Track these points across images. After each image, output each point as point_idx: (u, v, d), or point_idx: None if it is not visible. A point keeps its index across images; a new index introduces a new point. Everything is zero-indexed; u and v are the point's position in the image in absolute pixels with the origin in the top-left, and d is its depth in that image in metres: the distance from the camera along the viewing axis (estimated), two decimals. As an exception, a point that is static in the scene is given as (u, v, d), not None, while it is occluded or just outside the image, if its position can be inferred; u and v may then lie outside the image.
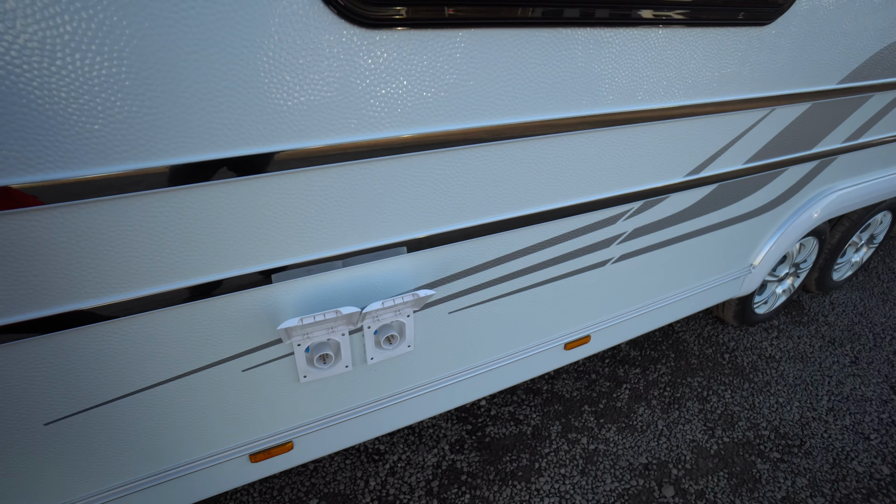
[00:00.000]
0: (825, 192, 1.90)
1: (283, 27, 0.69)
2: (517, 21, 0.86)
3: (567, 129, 1.04)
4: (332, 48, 0.73)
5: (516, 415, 1.81)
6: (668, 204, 1.39)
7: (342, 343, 1.04)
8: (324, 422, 1.18)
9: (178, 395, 0.95)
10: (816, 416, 1.88)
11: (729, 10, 1.11)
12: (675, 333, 2.32)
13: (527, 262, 1.22)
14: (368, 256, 0.99)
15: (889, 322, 2.46)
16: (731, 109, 1.29)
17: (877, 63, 1.52)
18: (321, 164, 0.82)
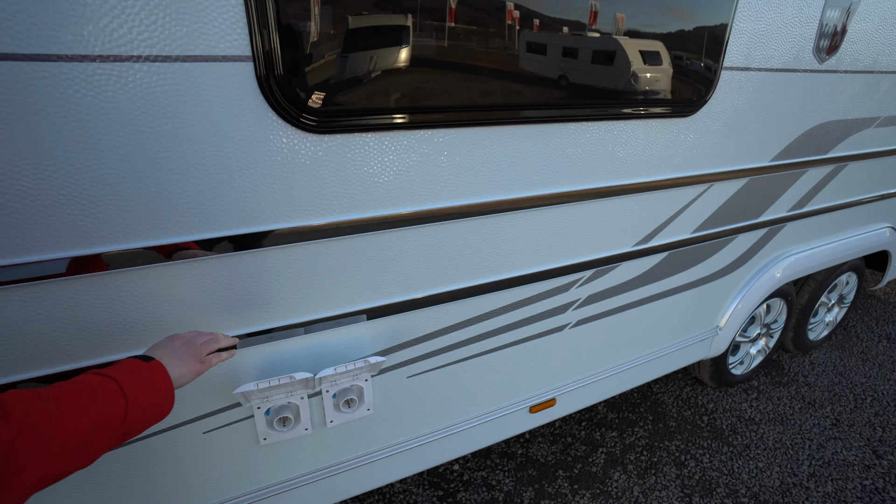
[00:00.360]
0: (780, 256, 2.00)
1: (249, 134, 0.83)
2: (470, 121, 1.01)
3: (512, 207, 1.17)
4: (289, 149, 0.87)
5: (489, 480, 1.80)
6: (619, 272, 1.49)
7: (301, 406, 1.10)
8: (285, 485, 1.21)
9: (139, 456, 1.00)
10: (797, 482, 1.86)
11: (657, 106, 1.27)
12: (654, 395, 2.33)
13: (483, 329, 1.30)
14: (330, 324, 1.08)
15: (869, 382, 2.47)
16: (670, 186, 1.43)
17: (801, 144, 1.68)
18: (289, 243, 0.94)
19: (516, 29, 0.98)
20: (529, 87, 1.07)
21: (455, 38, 0.94)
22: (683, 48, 1.24)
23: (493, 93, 1.03)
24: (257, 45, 0.77)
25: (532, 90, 1.08)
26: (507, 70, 1.02)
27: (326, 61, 0.85)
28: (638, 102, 1.24)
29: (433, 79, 0.96)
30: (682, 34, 1.21)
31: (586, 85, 1.14)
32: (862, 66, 1.66)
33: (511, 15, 0.97)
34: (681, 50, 1.24)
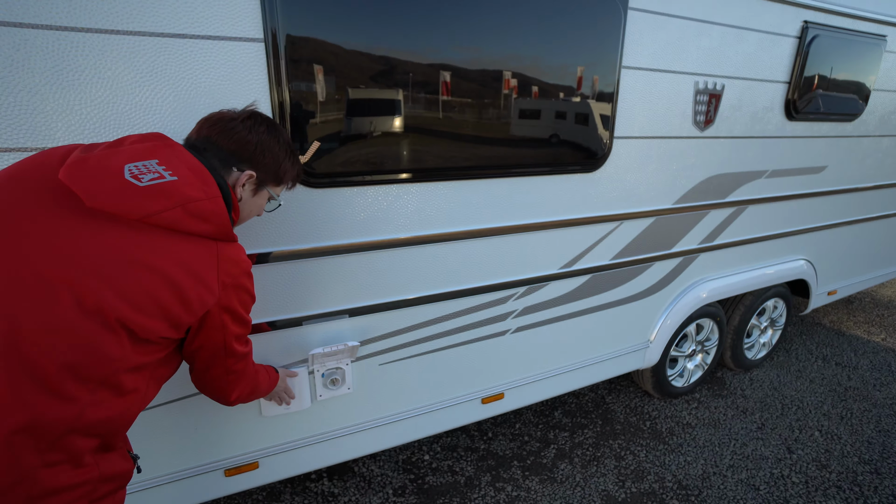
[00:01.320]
0: (699, 281, 2.44)
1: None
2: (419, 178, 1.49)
3: (462, 237, 1.63)
4: (300, 199, 1.35)
5: (454, 467, 2.16)
6: (549, 289, 1.92)
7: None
8: (288, 445, 1.60)
9: (175, 414, 1.41)
10: (717, 472, 2.20)
11: (568, 165, 1.75)
12: (606, 404, 2.70)
13: (439, 329, 1.73)
14: (323, 318, 1.51)
15: (798, 395, 2.83)
16: (585, 223, 1.89)
17: (700, 189, 2.16)
18: (304, 258, 1.39)
19: (468, 108, 1.48)
20: (478, 152, 1.56)
21: (413, 123, 1.43)
22: (587, 125, 1.74)
23: (450, 157, 1.51)
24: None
25: (479, 155, 1.56)
26: (464, 140, 1.51)
27: (319, 155, 1.33)
28: (555, 163, 1.72)
29: (397, 151, 1.45)
30: (585, 117, 1.72)
31: (518, 151, 1.62)
32: (736, 134, 2.17)
33: (453, 93, 1.46)
34: (585, 126, 1.73)
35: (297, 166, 1.08)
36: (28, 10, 0.98)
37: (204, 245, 0.85)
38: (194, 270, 0.83)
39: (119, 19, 1.05)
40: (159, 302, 0.80)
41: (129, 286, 0.76)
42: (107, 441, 0.81)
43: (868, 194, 3.01)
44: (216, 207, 0.85)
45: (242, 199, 0.99)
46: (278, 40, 1.20)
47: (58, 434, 0.71)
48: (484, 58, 1.48)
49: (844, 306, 4.27)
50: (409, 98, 1.41)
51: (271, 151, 0.98)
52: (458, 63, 1.45)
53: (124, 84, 1.09)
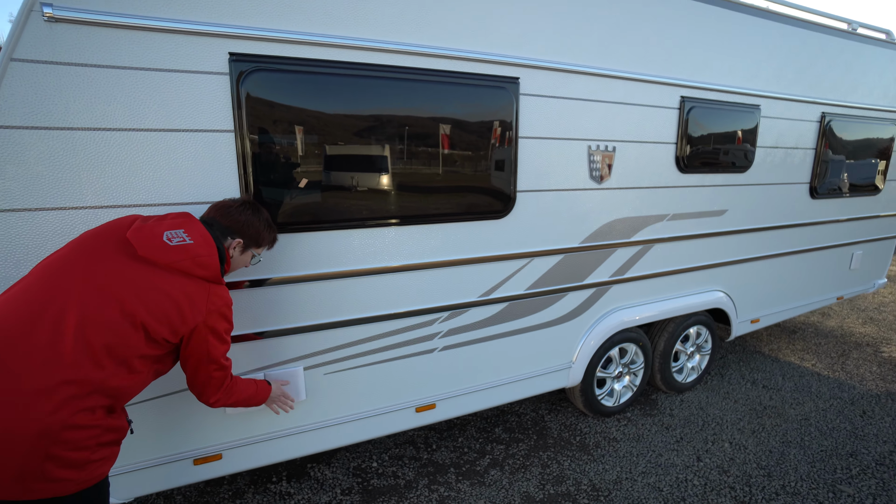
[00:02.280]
0: (614, 309, 2.86)
1: (236, 235, 1.78)
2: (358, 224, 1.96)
3: (393, 271, 2.08)
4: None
5: (397, 473, 2.50)
6: (471, 314, 2.35)
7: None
8: (269, 436, 1.98)
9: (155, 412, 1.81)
10: (629, 477, 2.53)
11: (475, 209, 2.23)
12: (543, 421, 3.05)
13: (376, 346, 2.14)
14: (284, 333, 1.94)
15: (720, 413, 3.17)
16: (498, 260, 2.34)
17: (604, 231, 2.63)
18: (289, 283, 1.84)
19: (395, 169, 1.97)
20: (406, 205, 2.03)
21: (359, 188, 1.92)
22: (493, 182, 2.23)
23: (382, 209, 1.99)
24: (242, 196, 1.74)
25: (408, 207, 2.04)
26: (395, 196, 1.99)
27: (268, 207, 1.82)
28: (468, 212, 2.20)
29: (344, 205, 1.92)
30: (489, 176, 2.21)
31: (439, 203, 2.10)
32: (633, 185, 2.66)
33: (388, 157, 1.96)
34: (491, 182, 2.23)
35: (272, 234, 1.65)
36: (76, 116, 1.48)
37: (201, 284, 1.37)
38: (192, 299, 1.34)
39: (137, 120, 1.56)
40: (167, 315, 1.29)
41: (151, 302, 1.27)
42: (113, 404, 1.23)
43: (773, 233, 3.48)
44: (212, 261, 1.38)
45: (234, 257, 1.54)
46: (243, 126, 1.71)
47: (89, 390, 1.15)
48: (414, 130, 1.99)
49: (787, 335, 4.65)
50: (354, 175, 1.91)
51: (253, 226, 1.55)
52: (391, 138, 1.96)
53: (137, 163, 1.58)
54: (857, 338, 4.61)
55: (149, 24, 1.53)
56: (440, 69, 2.02)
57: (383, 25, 1.88)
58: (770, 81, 3.12)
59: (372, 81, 1.90)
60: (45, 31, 1.43)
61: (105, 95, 1.52)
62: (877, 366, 3.97)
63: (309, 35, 1.75)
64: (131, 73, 1.54)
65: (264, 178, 1.78)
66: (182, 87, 1.61)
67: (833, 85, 3.51)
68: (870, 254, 4.33)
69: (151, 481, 1.87)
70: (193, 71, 1.63)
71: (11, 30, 1.41)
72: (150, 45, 1.55)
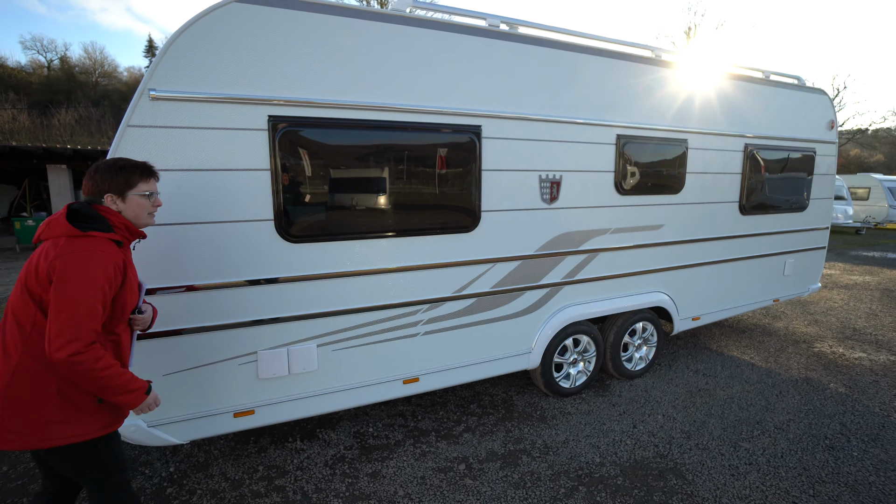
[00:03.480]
0: (566, 306, 3.55)
1: (259, 240, 2.48)
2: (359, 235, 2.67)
3: (386, 272, 2.77)
4: (281, 248, 2.51)
5: (388, 435, 3.16)
6: (446, 307, 3.04)
7: (284, 361, 2.60)
8: (289, 398, 2.64)
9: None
10: (575, 438, 3.19)
11: (449, 225, 2.94)
12: (512, 401, 3.71)
13: (372, 329, 2.82)
14: (300, 319, 2.62)
15: (661, 394, 3.83)
16: (467, 264, 3.04)
17: (555, 242, 3.34)
18: (293, 281, 2.53)
19: (391, 193, 2.69)
20: (398, 222, 2.74)
21: (360, 208, 2.63)
22: (463, 205, 2.94)
23: (378, 224, 2.70)
24: (277, 219, 2.45)
25: (399, 224, 2.75)
26: (391, 214, 2.70)
27: (294, 224, 2.52)
28: (444, 227, 2.90)
29: (348, 222, 2.63)
30: (460, 198, 2.92)
31: (422, 220, 2.81)
32: (579, 205, 3.38)
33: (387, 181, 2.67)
34: (461, 205, 2.94)
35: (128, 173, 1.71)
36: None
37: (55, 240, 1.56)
38: (47, 252, 1.53)
39: (208, 162, 2.27)
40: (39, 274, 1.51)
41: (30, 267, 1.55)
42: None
43: (709, 244, 4.19)
44: (60, 220, 1.58)
45: (121, 209, 1.70)
46: (276, 167, 2.42)
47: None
48: (401, 166, 2.71)
49: (736, 335, 5.34)
50: (358, 200, 2.62)
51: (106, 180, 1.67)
52: (385, 172, 2.67)
53: (208, 191, 2.29)
54: (797, 336, 5.30)
55: (215, 96, 2.26)
56: (421, 121, 2.75)
57: (379, 91, 2.61)
58: (696, 120, 3.87)
59: (370, 132, 2.62)
60: (151, 106, 2.15)
61: (188, 146, 2.23)
62: (805, 358, 4.65)
63: (324, 100, 2.48)
64: (205, 131, 2.26)
65: (290, 202, 2.49)
66: (236, 139, 2.33)
67: (754, 121, 4.27)
68: (802, 262, 5.05)
69: (203, 428, 2.53)
70: (243, 128, 2.35)
71: (131, 106, 2.13)
72: (216, 111, 2.28)
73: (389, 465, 2.87)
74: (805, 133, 4.71)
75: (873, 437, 3.21)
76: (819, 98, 4.79)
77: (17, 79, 31.31)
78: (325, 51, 2.47)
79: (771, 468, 2.86)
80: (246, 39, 2.30)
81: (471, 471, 2.82)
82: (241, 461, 2.90)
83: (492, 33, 2.92)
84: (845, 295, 7.28)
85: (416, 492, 2.62)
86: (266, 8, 2.33)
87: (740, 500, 2.59)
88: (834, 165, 5.03)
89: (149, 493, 2.61)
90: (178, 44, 2.19)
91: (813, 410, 3.59)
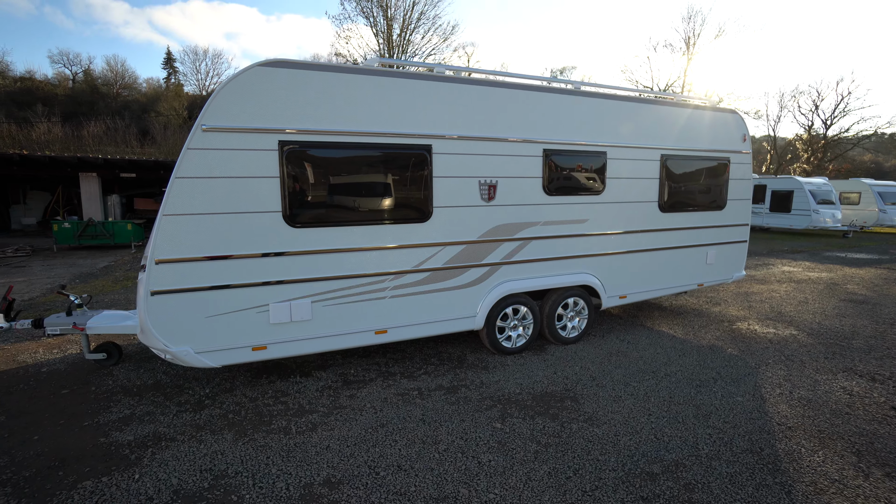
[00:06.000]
0: (504, 282, 4.67)
1: (272, 226, 3.67)
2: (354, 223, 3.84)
3: (363, 250, 3.94)
4: (287, 231, 3.70)
5: (365, 375, 4.30)
6: (407, 277, 4.19)
7: (287, 312, 3.77)
8: (291, 339, 3.81)
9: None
10: (504, 379, 4.28)
11: (408, 217, 4.10)
12: (464, 356, 4.83)
13: (351, 291, 3.98)
14: (301, 282, 3.79)
15: (586, 355, 4.91)
16: (422, 246, 4.20)
17: (493, 231, 4.48)
18: (295, 255, 3.71)
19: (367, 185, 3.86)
20: (369, 214, 3.92)
21: (343, 206, 3.81)
22: (419, 201, 4.10)
23: (358, 216, 3.87)
24: (284, 211, 3.64)
25: (370, 214, 3.92)
26: (368, 209, 3.88)
27: (296, 214, 3.71)
28: (405, 219, 4.07)
29: (336, 214, 3.81)
30: (417, 199, 4.09)
31: (388, 213, 3.98)
32: (512, 203, 4.51)
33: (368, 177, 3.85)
34: (418, 202, 4.10)
35: None
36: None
37: None
38: None
39: (240, 171, 3.47)
40: None
41: None
42: None
43: (632, 235, 5.28)
44: None
45: None
46: (284, 175, 3.61)
47: None
48: (376, 174, 3.88)
49: (673, 315, 6.38)
50: (344, 199, 3.80)
51: None
52: (365, 178, 3.85)
53: (238, 191, 3.49)
54: (725, 318, 6.32)
55: (244, 128, 3.47)
56: (386, 142, 3.93)
57: (356, 121, 3.80)
58: (615, 136, 4.99)
59: (350, 150, 3.81)
60: (202, 135, 3.36)
61: (226, 161, 3.44)
62: (720, 332, 5.68)
63: (317, 128, 3.68)
64: (237, 151, 3.47)
65: (293, 199, 3.68)
66: (257, 156, 3.53)
67: (670, 136, 5.37)
68: (724, 253, 6.09)
69: (231, 356, 3.70)
70: (262, 149, 3.55)
71: (189, 135, 3.34)
72: (245, 138, 3.48)
73: (363, 391, 4.02)
74: (720, 145, 5.78)
75: (735, 380, 4.26)
76: (733, 117, 5.87)
77: (45, 91, 33.59)
78: (318, 95, 3.67)
79: (644, 397, 3.94)
80: (263, 90, 3.51)
81: (421, 395, 3.96)
82: (256, 387, 4.08)
83: (439, 78, 4.11)
84: (791, 288, 8.24)
85: (379, 406, 3.76)
86: (277, 69, 3.54)
87: (613, 413, 3.67)
88: (749, 172, 6.09)
89: (192, 404, 3.79)
90: (220, 94, 3.41)
91: (700, 364, 4.65)
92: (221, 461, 2.98)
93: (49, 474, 2.83)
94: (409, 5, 26.23)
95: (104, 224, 13.27)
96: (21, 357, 4.80)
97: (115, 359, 4.56)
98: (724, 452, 3.10)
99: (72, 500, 2.60)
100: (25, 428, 3.38)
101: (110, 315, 4.51)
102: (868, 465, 2.97)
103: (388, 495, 2.66)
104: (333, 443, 3.20)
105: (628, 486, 2.75)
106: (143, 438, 3.24)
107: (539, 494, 2.68)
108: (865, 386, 4.16)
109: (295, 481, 2.78)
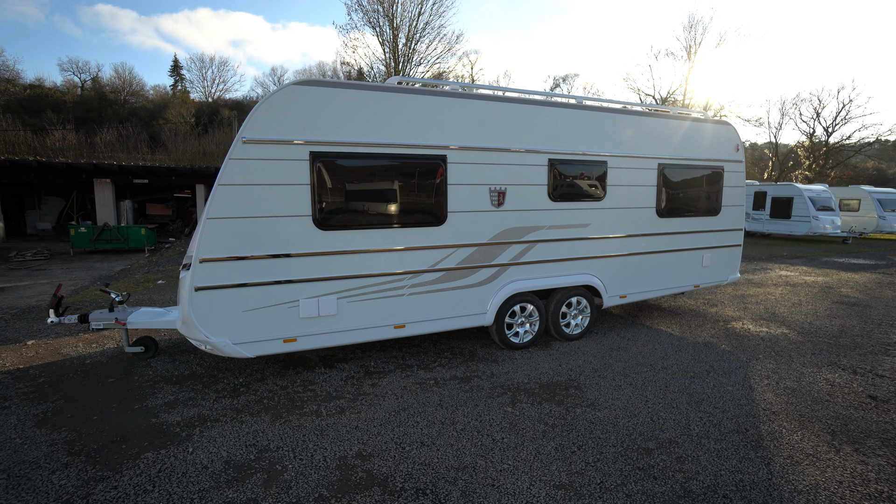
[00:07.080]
0: (512, 281, 5.06)
1: (303, 228, 4.07)
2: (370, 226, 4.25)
3: (383, 251, 4.34)
4: (316, 234, 4.10)
5: (384, 367, 4.69)
6: (423, 277, 4.58)
7: (316, 307, 4.16)
8: (318, 332, 4.20)
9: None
10: (513, 370, 4.66)
11: (425, 221, 4.51)
12: (475, 351, 5.21)
13: (374, 289, 4.38)
14: (327, 280, 4.19)
15: (588, 350, 5.29)
16: (437, 248, 4.60)
17: (502, 234, 4.88)
18: (323, 255, 4.11)
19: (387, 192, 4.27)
20: (392, 219, 4.32)
21: (367, 211, 4.21)
22: (435, 207, 4.51)
23: (380, 220, 4.28)
24: (314, 215, 4.04)
25: (393, 219, 4.32)
26: (387, 214, 4.28)
27: (324, 218, 4.12)
28: (422, 223, 4.47)
29: (361, 218, 4.21)
30: (432, 205, 4.49)
31: (407, 218, 4.39)
32: (520, 208, 4.91)
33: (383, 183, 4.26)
34: (434, 207, 4.50)
35: None
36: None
37: None
38: None
39: (275, 178, 3.88)
40: None
41: None
42: None
43: (631, 239, 5.67)
44: None
45: None
46: (314, 183, 4.02)
47: None
48: (397, 181, 4.29)
49: (671, 316, 6.75)
50: (368, 205, 4.20)
51: None
52: (386, 185, 4.26)
53: (274, 198, 3.89)
54: (721, 318, 6.69)
55: (279, 140, 3.88)
56: (406, 153, 4.34)
57: (379, 134, 4.21)
58: (615, 147, 5.40)
59: (373, 160, 4.23)
60: (243, 146, 3.78)
61: (264, 169, 3.85)
62: (716, 331, 6.05)
63: (344, 140, 4.09)
64: (273, 161, 3.88)
65: (326, 206, 4.09)
66: (290, 165, 3.95)
67: (667, 146, 5.77)
68: (719, 256, 6.47)
69: (264, 347, 4.09)
70: (295, 159, 3.96)
71: (231, 147, 3.76)
72: (279, 149, 3.90)
73: (383, 380, 4.41)
74: (714, 154, 6.19)
75: (727, 373, 4.63)
76: (727, 128, 6.28)
77: (54, 98, 34.27)
78: (344, 110, 4.09)
79: (642, 386, 4.31)
80: (297, 106, 3.93)
81: (437, 384, 4.34)
82: (286, 377, 4.46)
83: (453, 94, 4.53)
84: (786, 291, 8.60)
85: (399, 393, 4.14)
86: (309, 87, 3.96)
87: (613, 400, 4.04)
88: (742, 179, 6.48)
89: (229, 391, 4.18)
90: (259, 110, 3.83)
91: (695, 359, 5.02)
92: (263, 438, 3.36)
93: (114, 447, 3.21)
94: (415, 15, 26.81)
95: (119, 229, 13.72)
96: (64, 350, 5.20)
97: (152, 352, 4.95)
98: (713, 432, 3.47)
99: (138, 467, 2.98)
100: (84, 410, 3.77)
101: (148, 311, 4.92)
102: (840, 442, 3.33)
103: (415, 465, 3.04)
104: (361, 423, 3.58)
105: (626, 459, 3.12)
106: (189, 419, 3.63)
107: (547, 465, 3.05)
108: (847, 378, 4.53)
109: (331, 454, 3.16)
